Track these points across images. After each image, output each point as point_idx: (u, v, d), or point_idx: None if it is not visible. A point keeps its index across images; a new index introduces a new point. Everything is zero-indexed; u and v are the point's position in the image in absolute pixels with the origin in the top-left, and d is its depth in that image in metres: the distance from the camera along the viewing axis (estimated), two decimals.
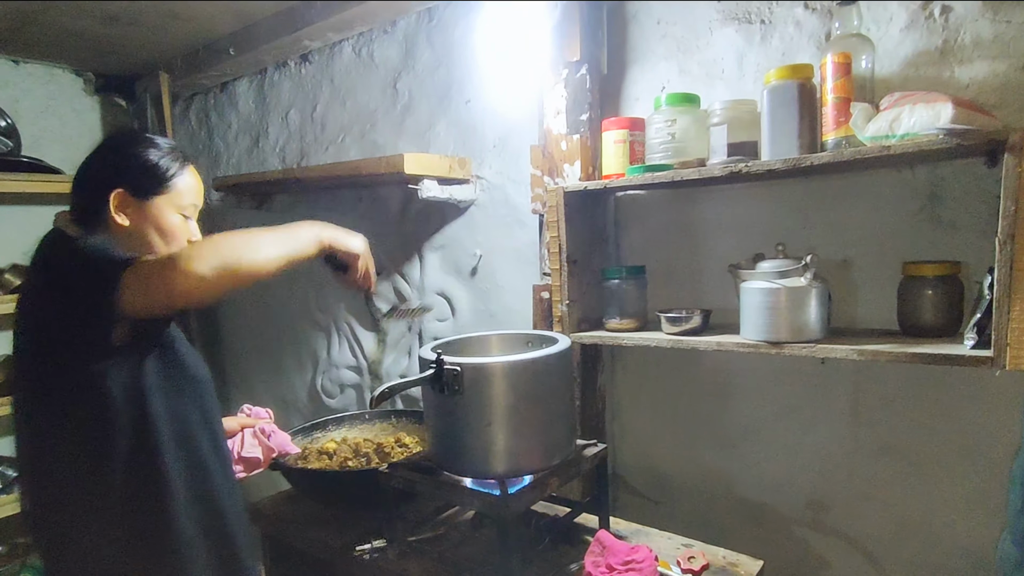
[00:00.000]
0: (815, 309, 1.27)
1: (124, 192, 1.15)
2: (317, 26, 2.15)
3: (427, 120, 2.10)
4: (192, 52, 2.61)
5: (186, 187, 1.22)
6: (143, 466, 1.11)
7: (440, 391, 1.31)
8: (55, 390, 1.09)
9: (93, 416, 1.08)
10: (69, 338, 1.05)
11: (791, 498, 1.54)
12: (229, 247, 1.02)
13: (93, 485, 1.11)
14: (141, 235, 1.17)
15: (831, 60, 1.18)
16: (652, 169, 1.38)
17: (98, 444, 1.09)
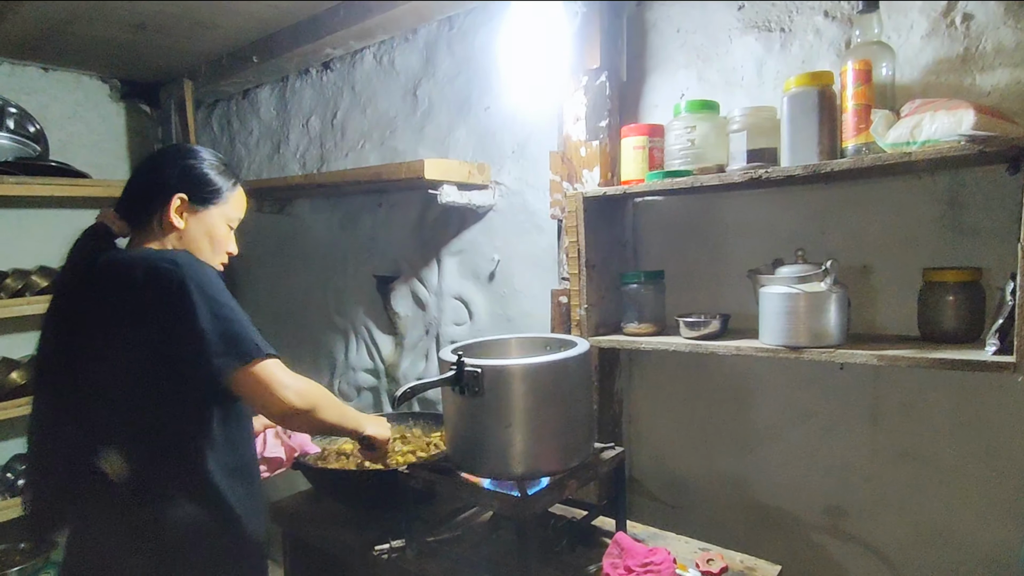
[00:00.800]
0: (835, 314, 1.27)
1: (186, 198, 1.24)
2: (339, 34, 2.19)
3: (446, 126, 2.13)
4: (216, 59, 2.67)
5: (236, 201, 1.35)
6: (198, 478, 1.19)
7: (460, 392, 1.33)
8: (138, 388, 1.15)
9: (175, 416, 1.17)
10: (158, 362, 1.13)
11: (809, 503, 1.54)
12: (322, 400, 1.23)
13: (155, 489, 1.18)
14: (193, 239, 1.27)
15: (851, 67, 1.20)
16: (672, 175, 1.40)
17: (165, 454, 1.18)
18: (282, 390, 1.14)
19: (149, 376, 1.13)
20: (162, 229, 1.24)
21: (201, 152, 1.32)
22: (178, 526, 1.16)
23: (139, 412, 1.16)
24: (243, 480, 1.26)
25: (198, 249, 1.28)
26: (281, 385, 1.15)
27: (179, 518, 1.17)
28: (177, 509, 1.17)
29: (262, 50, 2.45)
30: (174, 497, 1.17)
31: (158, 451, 1.17)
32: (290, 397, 1.15)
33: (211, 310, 1.10)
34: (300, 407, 1.16)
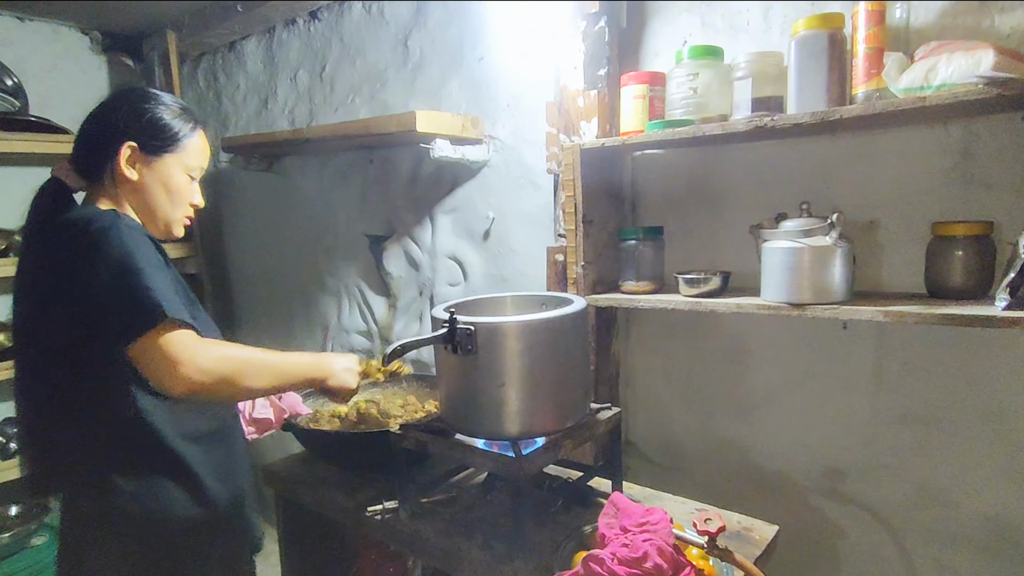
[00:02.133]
0: (840, 270, 1.23)
1: (136, 147, 1.15)
2: None
3: (439, 79, 2.05)
4: (199, 9, 2.56)
5: (195, 148, 1.23)
6: (145, 433, 1.12)
7: (453, 351, 1.29)
8: (65, 362, 1.09)
9: (98, 388, 1.10)
10: (78, 328, 1.05)
11: (807, 466, 1.52)
12: (233, 368, 1.07)
13: (102, 453, 1.12)
14: (148, 191, 1.17)
15: (864, 9, 1.13)
16: (673, 124, 1.33)
17: (110, 412, 1.11)
18: (180, 366, 0.99)
19: (71, 345, 1.07)
20: (114, 182, 1.15)
21: (155, 95, 1.20)
22: (139, 499, 1.11)
23: (73, 384, 1.10)
24: (216, 444, 1.21)
25: (154, 203, 1.19)
26: (179, 360, 0.99)
27: (138, 491, 1.12)
28: (133, 482, 1.12)
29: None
30: (125, 471, 1.12)
31: (98, 424, 1.11)
32: (189, 373, 1.00)
33: (115, 276, 1.00)
34: (205, 382, 1.01)
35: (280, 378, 1.17)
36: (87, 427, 1.11)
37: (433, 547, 1.35)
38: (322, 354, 1.30)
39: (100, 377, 1.08)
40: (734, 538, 1.29)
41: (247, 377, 1.09)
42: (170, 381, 1.00)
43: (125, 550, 1.14)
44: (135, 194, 1.17)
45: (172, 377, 0.99)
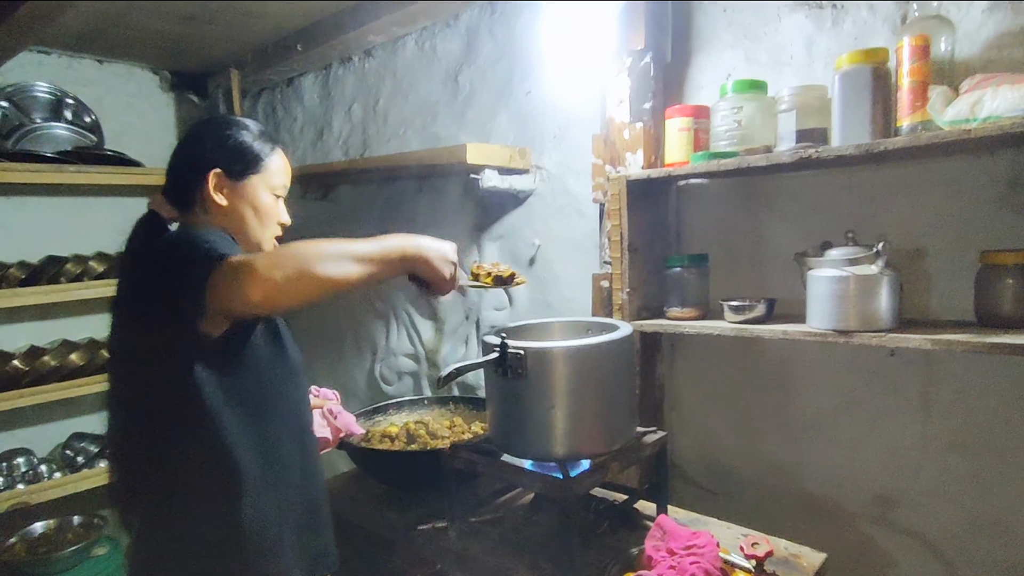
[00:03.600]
0: (886, 298, 1.24)
1: (221, 173, 1.18)
2: (382, 21, 2.21)
3: (488, 111, 2.14)
4: (262, 49, 2.72)
5: (277, 168, 1.26)
6: (219, 453, 1.12)
7: (503, 374, 1.34)
8: (147, 374, 1.12)
9: (181, 404, 1.10)
10: (161, 327, 1.06)
11: (856, 492, 1.51)
12: (305, 255, 0.99)
13: (174, 470, 1.13)
14: (238, 214, 1.21)
15: (908, 43, 1.16)
16: (718, 156, 1.38)
17: (183, 432, 1.12)
18: (246, 273, 0.95)
19: (158, 359, 1.09)
20: (205, 210, 1.19)
21: (235, 120, 1.25)
22: (214, 518, 1.13)
23: (160, 403, 1.13)
24: (294, 464, 1.23)
25: (244, 226, 1.21)
26: (243, 269, 0.95)
27: (213, 509, 1.13)
28: (209, 501, 1.13)
29: (306, 38, 2.49)
30: (204, 490, 1.13)
31: (181, 441, 1.13)
32: (257, 275, 0.95)
33: (176, 252, 1.05)
34: (278, 279, 0.95)
35: (364, 260, 1.06)
36: (170, 445, 1.13)
37: (481, 566, 1.39)
38: (413, 235, 1.19)
39: (183, 396, 1.10)
40: (781, 564, 1.29)
41: (323, 263, 0.99)
42: (246, 291, 0.95)
43: (199, 568, 1.14)
44: (226, 219, 1.20)
45: (245, 287, 0.95)
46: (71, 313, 2.73)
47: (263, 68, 2.76)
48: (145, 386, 1.14)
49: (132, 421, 1.18)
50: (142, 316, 1.11)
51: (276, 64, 2.69)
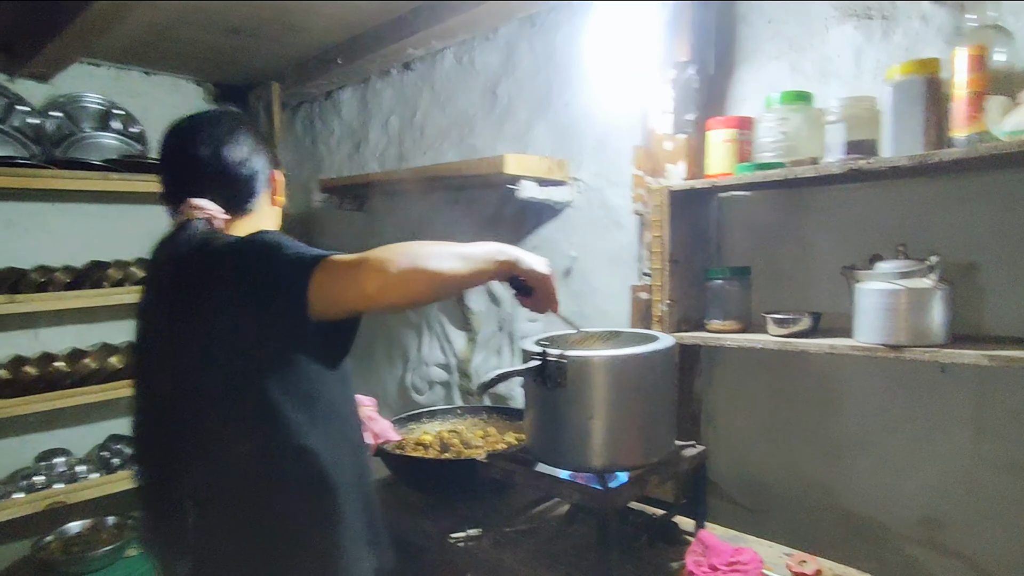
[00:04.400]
0: (939, 312, 1.21)
1: (280, 174, 1.21)
2: (421, 35, 2.24)
3: (525, 123, 2.15)
4: (302, 62, 2.78)
5: None
6: (311, 461, 1.10)
7: (543, 383, 1.33)
8: (224, 380, 1.08)
9: (260, 409, 1.08)
10: (253, 332, 1.04)
11: (903, 513, 1.47)
12: (417, 251, 1.00)
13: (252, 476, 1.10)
14: (282, 214, 1.25)
15: (964, 53, 1.14)
16: (764, 167, 1.37)
17: (261, 435, 1.09)
18: (362, 267, 0.96)
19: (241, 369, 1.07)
20: (259, 212, 1.20)
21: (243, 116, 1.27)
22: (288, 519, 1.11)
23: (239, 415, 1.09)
24: (355, 465, 1.20)
25: (279, 222, 1.27)
26: (357, 263, 0.97)
27: (287, 510, 1.11)
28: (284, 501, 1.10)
29: (346, 52, 2.54)
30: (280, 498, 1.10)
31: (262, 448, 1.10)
32: (374, 266, 0.96)
33: (279, 250, 1.02)
34: (392, 271, 0.96)
35: (469, 260, 1.06)
36: (247, 448, 1.09)
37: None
38: (506, 244, 1.19)
39: (264, 400, 1.07)
40: None
41: (433, 259, 1.00)
42: (362, 284, 0.96)
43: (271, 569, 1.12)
44: (272, 217, 1.23)
45: (361, 280, 0.96)
46: (112, 317, 2.79)
47: (303, 81, 2.82)
48: (221, 393, 1.09)
49: (199, 428, 1.11)
50: (230, 320, 1.05)
51: (316, 78, 2.74)
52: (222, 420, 1.10)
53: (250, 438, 1.09)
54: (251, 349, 1.05)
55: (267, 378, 1.07)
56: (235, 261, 1.05)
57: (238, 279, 1.03)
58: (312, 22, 2.32)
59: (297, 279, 0.97)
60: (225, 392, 1.09)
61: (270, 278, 1.00)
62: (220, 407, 1.09)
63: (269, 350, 1.06)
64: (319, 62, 2.69)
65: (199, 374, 1.10)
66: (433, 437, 1.91)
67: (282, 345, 1.06)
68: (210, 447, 1.11)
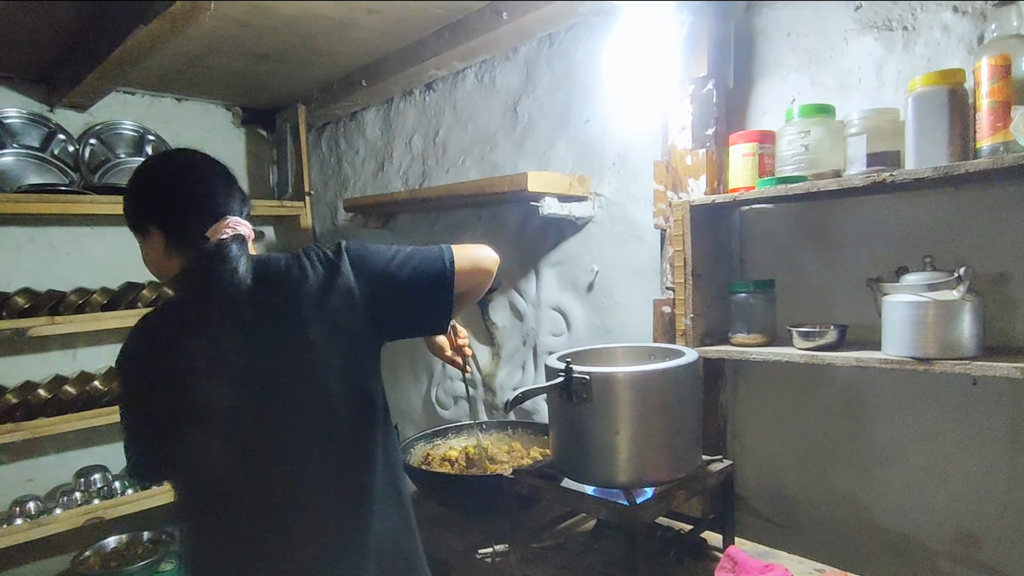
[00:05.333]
0: (969, 324, 1.20)
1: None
2: (443, 56, 2.28)
3: (546, 140, 2.18)
4: (328, 85, 2.85)
5: None
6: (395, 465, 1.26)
7: (568, 399, 1.34)
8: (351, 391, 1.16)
9: (373, 419, 1.21)
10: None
11: (936, 529, 1.44)
12: (470, 251, 1.29)
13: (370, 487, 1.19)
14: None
15: (987, 63, 1.13)
16: (786, 181, 1.36)
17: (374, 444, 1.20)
18: (483, 252, 1.30)
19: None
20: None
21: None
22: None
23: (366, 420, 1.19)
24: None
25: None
26: (475, 252, 1.28)
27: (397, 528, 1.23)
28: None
29: (370, 74, 2.60)
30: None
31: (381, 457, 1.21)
32: (489, 253, 1.31)
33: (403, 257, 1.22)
34: (468, 266, 1.26)
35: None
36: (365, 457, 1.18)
37: None
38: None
39: (376, 409, 1.20)
40: None
41: (483, 259, 1.31)
42: (490, 270, 1.30)
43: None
44: None
45: (489, 267, 1.29)
46: None
47: (328, 103, 2.89)
48: (364, 397, 1.19)
49: (331, 445, 1.16)
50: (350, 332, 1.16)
51: (341, 99, 2.81)
52: (350, 428, 1.17)
53: (374, 442, 1.19)
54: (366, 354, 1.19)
55: (373, 380, 1.20)
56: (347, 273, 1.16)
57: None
58: (338, 47, 2.39)
59: (448, 267, 1.22)
60: (350, 399, 1.16)
61: (426, 274, 1.21)
62: (347, 415, 1.16)
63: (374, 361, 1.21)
64: (344, 84, 2.75)
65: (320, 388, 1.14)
66: (459, 452, 1.93)
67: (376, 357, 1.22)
68: (334, 457, 1.16)
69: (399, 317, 1.22)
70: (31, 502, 2.50)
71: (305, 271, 1.14)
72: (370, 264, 1.18)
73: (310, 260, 1.16)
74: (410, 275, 1.19)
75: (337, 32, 2.23)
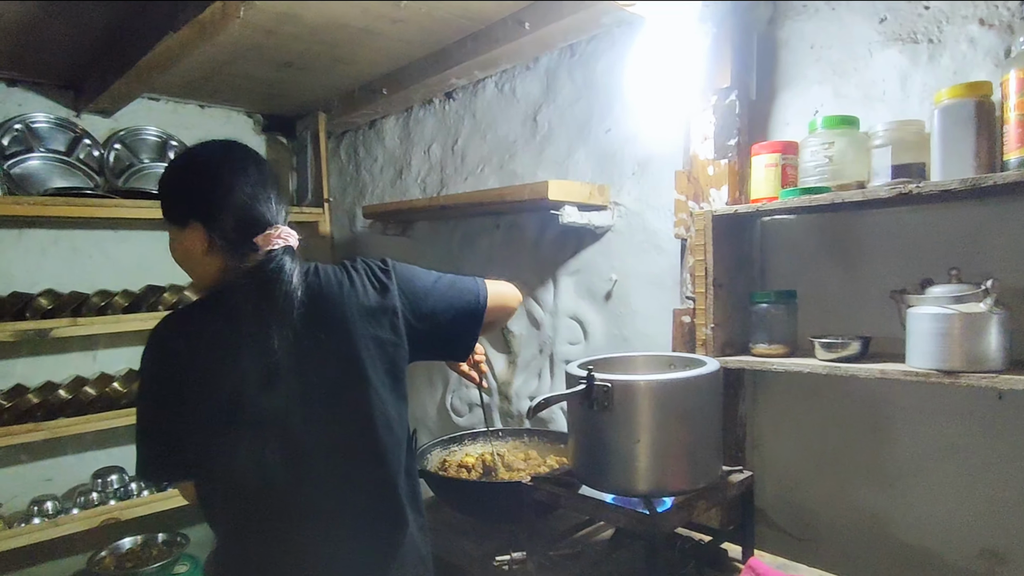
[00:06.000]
0: (996, 338, 1.19)
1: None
2: (464, 65, 2.30)
3: (566, 149, 2.19)
4: (348, 93, 2.88)
5: None
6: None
7: (589, 407, 1.34)
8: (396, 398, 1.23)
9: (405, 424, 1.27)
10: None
11: (959, 545, 1.43)
12: (498, 288, 1.41)
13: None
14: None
15: (1014, 76, 1.13)
16: (810, 192, 1.37)
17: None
18: (511, 291, 1.41)
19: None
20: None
21: None
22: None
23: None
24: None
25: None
26: (504, 289, 1.40)
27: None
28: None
29: (391, 83, 2.62)
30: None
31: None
32: (515, 292, 1.43)
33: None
34: (498, 303, 1.36)
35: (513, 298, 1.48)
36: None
37: None
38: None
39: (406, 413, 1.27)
40: None
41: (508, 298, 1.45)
42: (515, 307, 1.44)
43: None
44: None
45: (514, 305, 1.44)
46: None
47: (349, 111, 2.92)
48: (398, 410, 1.24)
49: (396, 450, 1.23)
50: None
51: (361, 107, 2.84)
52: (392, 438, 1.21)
53: (402, 452, 1.24)
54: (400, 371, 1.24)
55: (404, 395, 1.26)
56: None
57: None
58: (359, 55, 2.42)
59: (481, 296, 1.34)
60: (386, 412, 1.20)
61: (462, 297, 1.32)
62: (382, 428, 1.19)
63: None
64: (365, 92, 2.79)
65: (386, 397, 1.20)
66: (475, 459, 1.93)
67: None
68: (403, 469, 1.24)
69: (431, 342, 1.27)
70: (49, 502, 2.52)
71: (355, 284, 1.18)
72: (415, 287, 1.23)
73: (359, 274, 1.19)
74: (448, 305, 1.25)
75: (360, 41, 2.26)
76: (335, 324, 1.14)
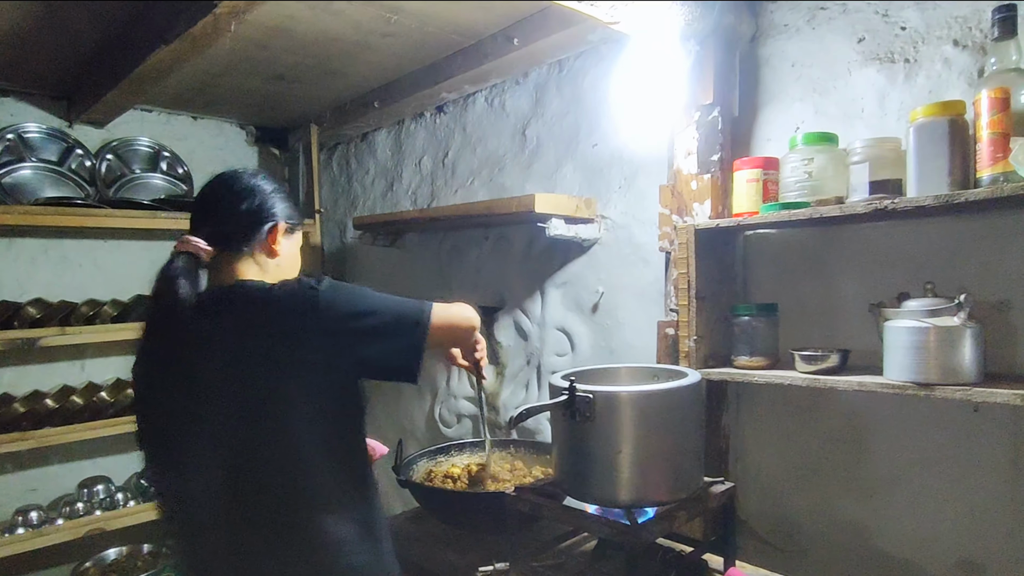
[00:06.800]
0: (970, 351, 1.21)
1: (284, 225, 1.31)
2: (455, 79, 2.34)
3: (554, 163, 2.22)
4: (340, 106, 2.91)
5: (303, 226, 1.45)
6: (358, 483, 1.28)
7: (571, 417, 1.35)
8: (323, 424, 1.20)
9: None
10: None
11: (938, 555, 1.44)
12: (451, 311, 1.32)
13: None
14: (286, 262, 1.34)
15: (986, 96, 1.16)
16: (790, 206, 1.39)
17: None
18: (463, 312, 1.35)
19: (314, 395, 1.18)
20: (263, 255, 1.29)
21: (279, 181, 1.42)
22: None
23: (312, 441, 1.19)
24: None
25: (291, 270, 1.35)
26: (456, 310, 1.33)
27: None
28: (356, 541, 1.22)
29: (383, 96, 2.65)
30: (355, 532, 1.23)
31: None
32: (469, 314, 1.36)
33: (376, 311, 1.21)
34: (443, 323, 1.27)
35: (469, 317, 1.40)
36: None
37: None
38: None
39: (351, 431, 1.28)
40: None
41: (460, 319, 1.37)
42: (468, 325, 1.37)
43: None
44: (275, 263, 1.32)
45: (467, 325, 1.37)
46: None
47: (341, 124, 2.94)
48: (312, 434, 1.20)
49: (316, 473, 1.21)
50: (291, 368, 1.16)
51: (353, 120, 2.86)
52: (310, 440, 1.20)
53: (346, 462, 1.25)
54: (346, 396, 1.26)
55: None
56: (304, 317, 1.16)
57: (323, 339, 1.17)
58: (352, 68, 2.44)
59: (424, 320, 1.24)
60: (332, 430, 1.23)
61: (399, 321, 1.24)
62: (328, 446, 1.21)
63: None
64: (356, 105, 2.81)
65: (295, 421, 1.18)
66: (461, 470, 1.93)
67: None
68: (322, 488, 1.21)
69: (366, 362, 1.23)
70: (33, 512, 2.50)
71: (264, 305, 1.17)
72: (350, 308, 1.18)
73: (275, 294, 1.18)
74: (383, 323, 1.20)
75: (352, 54, 2.29)
76: (233, 340, 1.18)
